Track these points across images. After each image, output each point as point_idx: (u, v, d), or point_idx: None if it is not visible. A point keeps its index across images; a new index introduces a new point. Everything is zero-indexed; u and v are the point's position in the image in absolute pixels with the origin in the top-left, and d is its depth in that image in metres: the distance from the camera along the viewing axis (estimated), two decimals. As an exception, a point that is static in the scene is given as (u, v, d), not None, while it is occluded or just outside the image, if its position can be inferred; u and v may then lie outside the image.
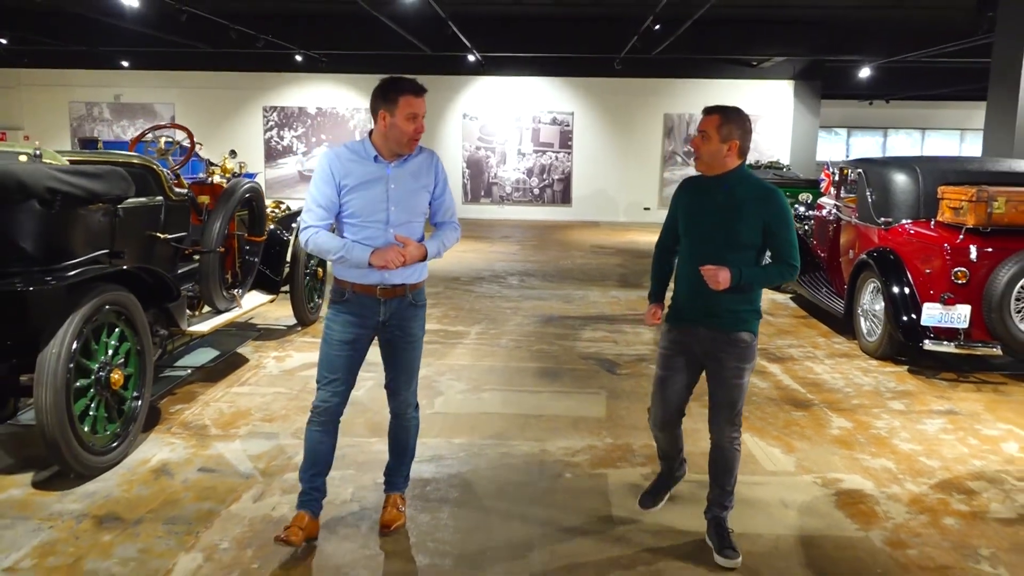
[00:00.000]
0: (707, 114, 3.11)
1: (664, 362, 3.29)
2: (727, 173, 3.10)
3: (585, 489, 3.89)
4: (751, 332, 3.13)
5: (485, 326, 7.32)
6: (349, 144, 3.17)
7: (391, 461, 3.47)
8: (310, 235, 3.10)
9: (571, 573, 3.13)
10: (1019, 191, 5.64)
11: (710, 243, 3.10)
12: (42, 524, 3.43)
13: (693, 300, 3.16)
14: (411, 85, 3.06)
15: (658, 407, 3.35)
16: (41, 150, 3.91)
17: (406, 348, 3.26)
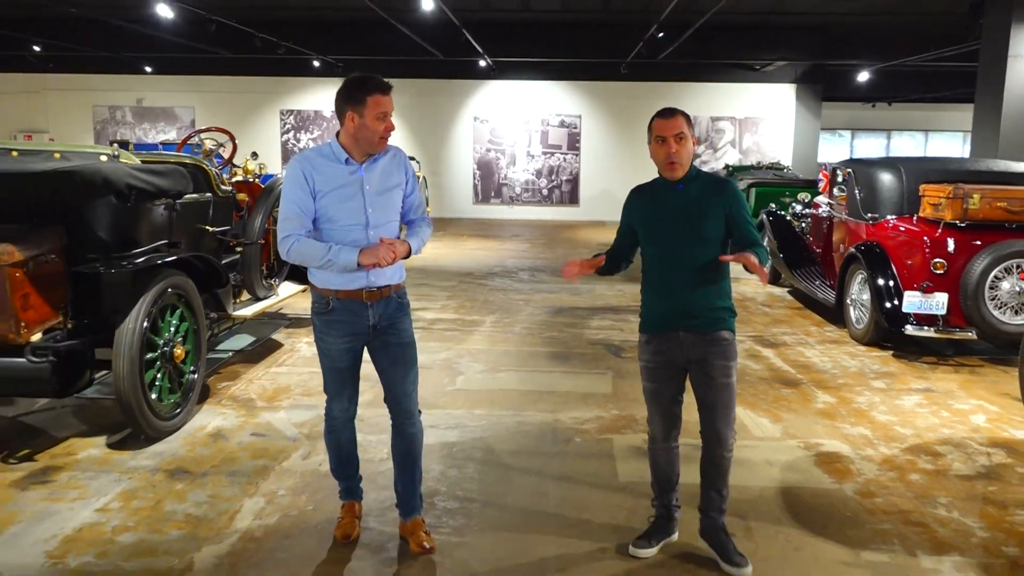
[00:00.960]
0: (669, 116, 3.03)
1: (650, 375, 3.19)
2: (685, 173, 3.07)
3: (593, 451, 4.40)
4: (730, 330, 3.09)
5: (499, 316, 7.84)
6: (316, 148, 3.09)
7: (401, 483, 3.30)
8: (291, 243, 2.97)
9: (581, 513, 3.63)
10: (993, 188, 6.13)
11: (675, 245, 3.03)
12: (122, 476, 3.95)
13: (668, 306, 3.08)
14: (378, 84, 2.95)
15: (658, 418, 3.24)
16: (118, 151, 4.44)
17: (401, 348, 3.17)
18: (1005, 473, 4.17)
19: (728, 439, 3.12)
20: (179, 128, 18.35)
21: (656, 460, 3.31)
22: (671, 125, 3.00)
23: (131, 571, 3.09)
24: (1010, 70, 9.02)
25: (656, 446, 3.29)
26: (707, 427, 3.14)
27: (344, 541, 3.30)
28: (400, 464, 3.28)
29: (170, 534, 3.38)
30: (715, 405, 3.09)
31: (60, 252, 4.06)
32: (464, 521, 3.55)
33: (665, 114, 3.05)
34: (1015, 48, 9.00)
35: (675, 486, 3.33)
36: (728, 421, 3.10)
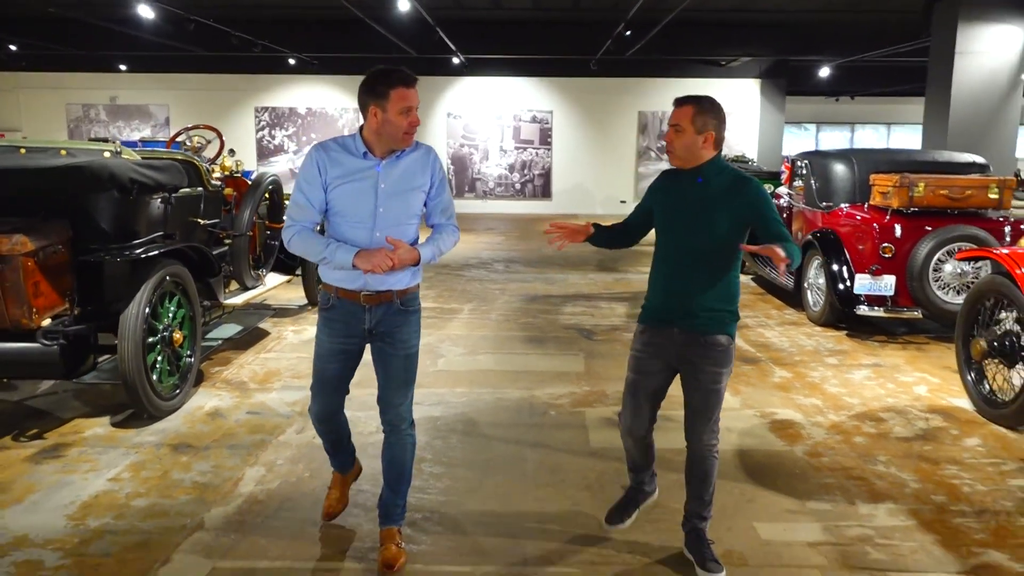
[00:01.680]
0: (679, 105, 2.91)
1: (636, 364, 3.07)
2: (702, 165, 2.91)
3: (566, 422, 4.76)
4: (728, 335, 2.94)
5: (476, 304, 8.18)
6: (339, 139, 2.98)
7: (386, 490, 3.18)
8: (293, 234, 2.92)
9: (555, 475, 3.99)
10: (936, 177, 6.57)
11: (686, 238, 2.92)
12: (129, 451, 4.24)
13: (668, 299, 2.96)
14: (402, 76, 2.84)
15: (629, 412, 3.13)
16: (120, 147, 4.71)
17: (395, 357, 3.03)
18: (940, 435, 4.60)
19: (709, 442, 3.02)
20: (153, 126, 18.45)
21: (629, 448, 3.24)
22: (674, 114, 2.91)
23: (147, 530, 3.39)
24: (957, 66, 9.52)
25: (628, 438, 3.19)
26: (689, 429, 3.05)
27: (326, 519, 3.37)
28: (386, 472, 3.17)
29: (180, 498, 3.69)
30: (698, 409, 2.99)
31: (66, 243, 4.33)
32: (449, 483, 3.89)
33: (676, 102, 2.94)
34: (962, 45, 9.50)
35: (649, 466, 3.29)
36: (709, 426, 3.00)
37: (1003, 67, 9.57)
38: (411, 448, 3.17)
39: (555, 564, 3.15)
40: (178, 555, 3.19)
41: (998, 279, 4.79)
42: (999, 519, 3.55)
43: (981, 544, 3.33)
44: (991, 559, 3.21)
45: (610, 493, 3.74)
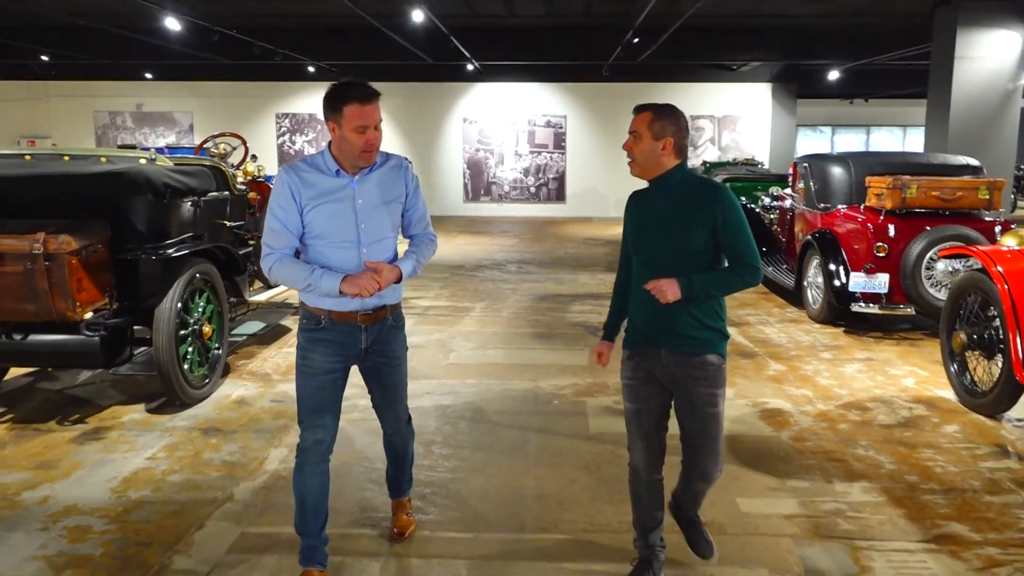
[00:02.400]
0: (638, 112, 2.79)
1: (632, 393, 2.90)
2: (664, 175, 2.77)
3: (568, 410, 5.07)
4: (719, 355, 2.78)
5: (488, 302, 8.51)
6: (306, 158, 2.87)
7: (391, 470, 3.36)
8: (273, 263, 2.81)
9: (556, 457, 4.31)
10: (928, 179, 6.83)
11: (658, 255, 2.75)
12: (163, 434, 4.61)
13: (649, 321, 2.80)
14: (357, 91, 2.71)
15: (639, 445, 2.92)
16: (155, 154, 5.08)
17: (391, 372, 3.08)
18: (921, 422, 4.87)
19: (712, 474, 2.88)
20: (177, 132, 18.96)
21: (638, 496, 2.98)
22: (633, 121, 2.78)
23: (182, 501, 3.75)
24: (957, 71, 9.75)
25: (638, 480, 2.96)
26: (689, 460, 2.91)
27: None
28: (391, 458, 3.34)
29: (211, 475, 4.04)
30: (699, 437, 2.82)
31: (106, 242, 4.70)
32: (457, 463, 4.22)
33: (635, 109, 2.81)
34: (961, 50, 9.72)
35: (660, 524, 3.02)
36: (713, 455, 2.84)
37: (1002, 72, 9.79)
38: (411, 437, 3.32)
39: (550, 532, 3.46)
40: (211, 522, 3.54)
41: (978, 275, 5.05)
42: (965, 496, 3.83)
43: (945, 518, 3.61)
44: (952, 530, 3.49)
45: (605, 471, 4.06)
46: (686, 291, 2.65)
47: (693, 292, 2.66)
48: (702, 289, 2.68)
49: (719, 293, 2.75)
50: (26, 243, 4.30)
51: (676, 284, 2.65)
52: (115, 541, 3.37)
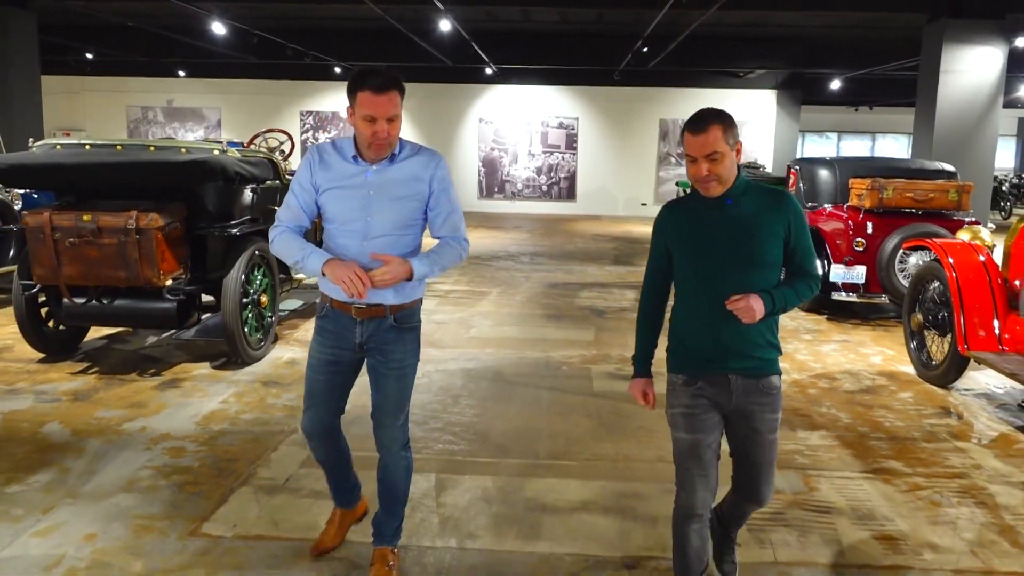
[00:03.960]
0: (702, 130, 2.41)
1: (690, 424, 2.55)
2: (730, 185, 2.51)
3: (576, 374, 5.85)
4: (778, 375, 2.59)
5: (504, 288, 9.30)
6: (334, 141, 2.81)
7: (380, 510, 3.03)
8: (276, 234, 2.79)
9: (565, 408, 5.09)
10: (903, 182, 7.57)
11: (727, 271, 2.47)
12: (230, 384, 5.41)
13: (715, 342, 2.52)
14: (372, 80, 2.58)
15: (695, 483, 2.54)
16: (225, 146, 5.88)
17: (387, 376, 2.84)
18: (880, 390, 5.63)
19: (767, 499, 2.70)
20: (206, 127, 19.81)
21: (685, 538, 2.57)
22: (700, 144, 2.41)
23: (256, 432, 4.54)
24: (942, 83, 10.47)
25: (689, 523, 2.56)
26: (746, 484, 2.69)
27: (316, 554, 3.13)
28: (381, 494, 3.01)
29: (276, 415, 4.84)
30: (760, 464, 2.62)
31: (182, 221, 5.50)
32: (481, 411, 5.00)
33: (694, 127, 2.44)
34: (946, 64, 10.44)
35: (705, 569, 2.60)
36: (771, 480, 2.66)
37: (984, 85, 10.51)
38: (406, 471, 2.97)
39: (560, 459, 4.24)
40: (282, 447, 4.33)
41: (935, 265, 5.80)
42: (905, 443, 4.59)
43: (885, 457, 4.38)
44: (889, 466, 4.25)
45: (607, 419, 4.84)
46: (769, 307, 2.43)
47: (775, 309, 2.45)
48: (782, 304, 2.46)
49: (791, 307, 2.53)
50: (121, 219, 5.11)
51: (760, 300, 2.40)
52: (208, 457, 4.17)
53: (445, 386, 5.45)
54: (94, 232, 5.11)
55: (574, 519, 3.56)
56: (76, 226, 5.12)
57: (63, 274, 5.24)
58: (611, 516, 3.60)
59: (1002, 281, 5.37)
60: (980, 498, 3.88)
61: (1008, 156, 28.68)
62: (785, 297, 2.48)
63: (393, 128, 2.64)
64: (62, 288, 5.34)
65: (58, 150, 5.48)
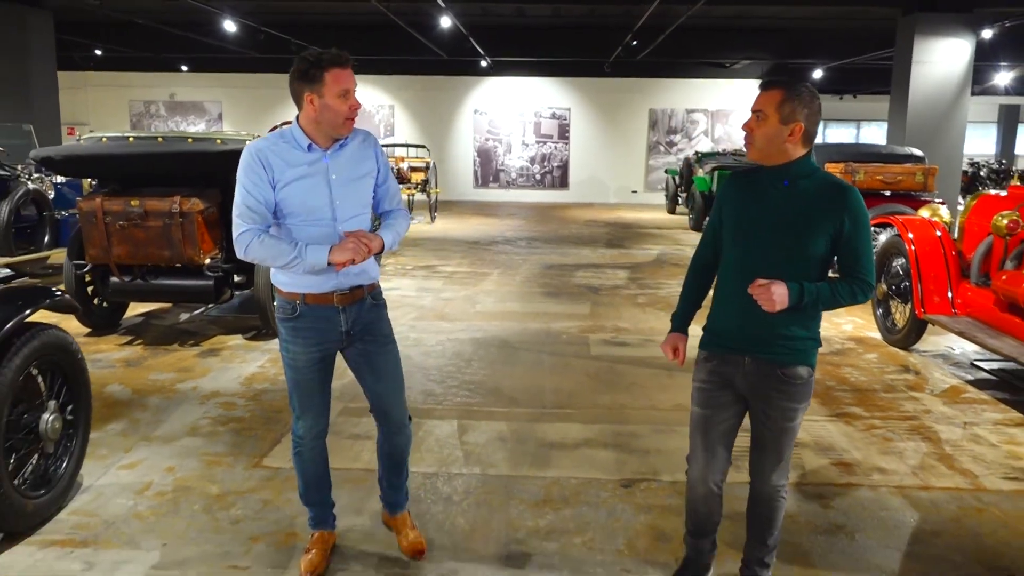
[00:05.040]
0: (765, 89, 2.44)
1: (703, 398, 2.63)
2: (788, 164, 2.44)
3: (575, 341, 6.47)
4: (809, 366, 2.52)
5: (503, 269, 9.90)
6: (274, 135, 2.75)
7: (386, 482, 3.16)
8: (250, 240, 2.63)
9: (566, 368, 5.70)
10: (874, 165, 8.21)
11: (766, 254, 2.45)
12: (264, 352, 6.00)
13: (738, 324, 2.51)
14: (334, 57, 2.62)
15: (701, 456, 2.66)
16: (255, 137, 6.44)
17: (383, 353, 2.90)
18: (849, 352, 6.26)
19: (778, 482, 2.66)
20: (207, 121, 20.28)
21: (694, 506, 2.75)
22: (759, 99, 2.45)
23: (295, 390, 5.14)
24: (914, 73, 11.11)
25: (695, 493, 2.72)
26: (755, 468, 2.69)
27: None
28: (387, 466, 3.12)
29: (310, 376, 5.43)
30: (768, 448, 2.61)
31: (218, 206, 6.08)
32: (491, 371, 5.61)
33: (763, 85, 2.48)
34: (918, 55, 11.08)
35: (714, 529, 2.80)
36: (780, 466, 2.63)
37: (953, 75, 11.15)
38: (408, 441, 3.09)
39: (563, 408, 4.86)
40: (320, 401, 4.93)
41: (898, 240, 6.43)
42: (866, 394, 5.23)
43: (848, 404, 5.01)
44: (850, 411, 4.89)
45: (604, 377, 5.45)
46: (795, 301, 2.36)
47: (801, 303, 2.38)
48: (811, 302, 2.39)
49: (825, 308, 2.46)
50: (166, 204, 5.69)
51: (785, 289, 2.35)
52: (256, 410, 4.77)
53: (457, 352, 6.06)
54: (141, 216, 5.69)
55: (577, 453, 4.18)
56: (125, 210, 5.69)
57: (113, 254, 5.82)
58: (609, 450, 4.22)
59: (956, 253, 6.00)
60: (926, 435, 4.51)
61: (989, 143, 29.45)
62: (819, 294, 2.38)
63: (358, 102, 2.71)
64: (112, 267, 5.91)
65: (104, 143, 6.03)
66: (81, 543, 3.19)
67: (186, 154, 5.85)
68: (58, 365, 3.45)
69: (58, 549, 3.14)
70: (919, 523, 3.48)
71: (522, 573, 3.03)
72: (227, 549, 3.18)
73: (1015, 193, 5.66)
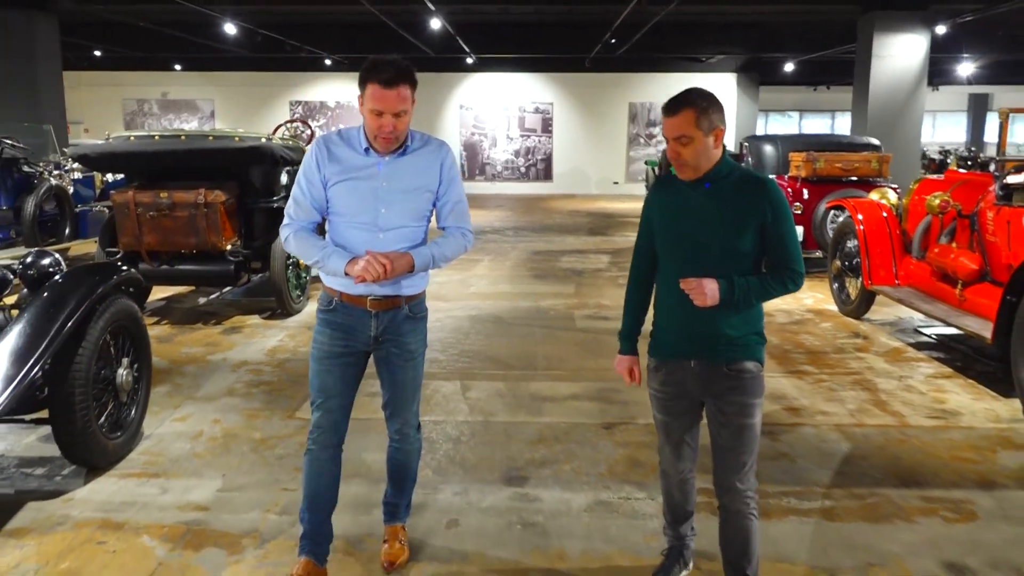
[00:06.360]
0: (674, 112, 2.42)
1: (661, 406, 2.68)
2: (712, 169, 2.47)
3: (562, 316, 7.15)
4: (757, 361, 2.53)
5: (494, 255, 10.57)
6: (343, 130, 2.74)
7: (391, 490, 3.07)
8: (289, 233, 2.70)
9: (554, 338, 6.38)
10: (833, 154, 8.93)
11: (698, 256, 2.47)
12: (281, 329, 6.63)
13: (681, 328, 2.53)
14: (381, 72, 2.52)
15: (669, 453, 2.74)
16: (271, 135, 7.07)
17: (403, 366, 2.83)
18: (807, 322, 6.98)
19: (744, 492, 2.56)
20: (200, 118, 20.78)
21: (669, 491, 2.84)
22: (672, 125, 2.43)
23: (314, 359, 5.79)
24: (874, 67, 11.85)
25: (669, 480, 2.81)
26: (718, 476, 2.61)
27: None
28: (392, 474, 3.04)
29: (325, 348, 6.08)
30: (727, 449, 2.56)
31: (236, 197, 6.70)
32: (487, 342, 6.27)
33: (667, 110, 2.45)
34: (877, 50, 11.82)
35: (690, 516, 2.89)
36: (743, 471, 2.55)
37: (910, 69, 11.90)
38: (418, 452, 3.04)
39: (554, 370, 5.54)
40: (337, 367, 5.58)
41: (849, 220, 7.15)
42: (818, 355, 5.94)
43: (801, 364, 5.72)
44: (802, 368, 5.60)
45: (590, 346, 6.13)
46: (725, 295, 2.40)
47: (733, 297, 2.40)
48: (742, 295, 2.41)
49: (758, 300, 2.48)
50: (192, 195, 6.31)
51: (715, 284, 2.39)
52: (282, 375, 5.42)
53: (455, 327, 6.72)
54: (170, 206, 6.31)
55: (566, 404, 4.86)
56: (155, 202, 6.31)
57: (144, 241, 6.43)
58: (593, 402, 4.90)
59: (900, 231, 6.72)
60: (866, 386, 5.23)
61: (960, 131, 30.39)
62: (748, 287, 2.42)
63: (401, 123, 2.59)
64: (143, 253, 6.53)
65: (132, 140, 6.64)
66: (153, 475, 3.84)
67: (208, 150, 6.46)
68: (126, 329, 4.07)
69: (135, 479, 3.79)
70: (850, 451, 4.19)
71: (521, 490, 3.71)
72: (276, 476, 3.84)
73: (951, 177, 6.38)
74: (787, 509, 3.52)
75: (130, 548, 3.16)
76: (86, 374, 3.61)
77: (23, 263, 3.95)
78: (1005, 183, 5.27)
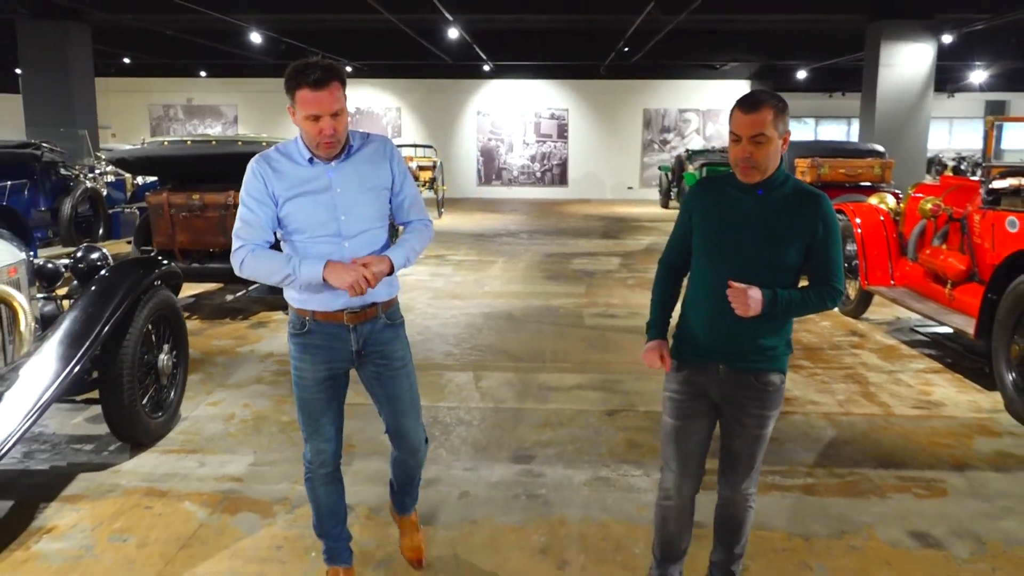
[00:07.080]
0: (754, 110, 2.33)
1: (676, 409, 2.60)
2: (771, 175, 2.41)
3: (571, 314, 7.48)
4: (781, 372, 2.51)
5: (508, 257, 10.92)
6: (279, 147, 2.59)
7: (396, 487, 3.04)
8: (244, 255, 2.51)
9: (563, 335, 6.70)
10: (837, 160, 9.20)
11: (740, 263, 2.41)
12: (304, 324, 7.00)
13: (711, 331, 2.48)
14: (309, 75, 2.39)
15: (677, 466, 2.63)
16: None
17: (395, 377, 2.74)
18: (807, 321, 7.24)
19: (747, 490, 2.64)
20: (223, 123, 21.29)
21: (665, 519, 2.72)
22: (750, 123, 2.33)
23: (336, 352, 6.15)
24: (881, 76, 12.11)
25: (668, 503, 2.69)
26: (725, 476, 2.66)
27: None
28: (399, 478, 3.01)
29: (346, 342, 6.44)
30: (739, 455, 2.59)
31: (263, 199, 7.07)
32: (500, 337, 6.61)
33: (746, 106, 2.37)
34: (884, 59, 12.07)
35: (682, 555, 2.78)
36: (751, 474, 2.62)
37: (917, 77, 12.15)
38: (422, 461, 2.97)
39: (561, 363, 5.86)
40: (358, 359, 5.94)
41: (848, 224, 7.43)
42: (815, 350, 6.23)
43: (798, 359, 6.00)
44: (799, 363, 5.89)
45: (597, 343, 6.46)
46: (768, 307, 2.35)
47: (774, 310, 2.36)
48: (783, 309, 2.38)
49: (796, 315, 2.45)
50: (222, 197, 6.70)
51: (760, 294, 2.33)
52: (307, 365, 5.77)
53: (469, 323, 7.06)
54: (201, 207, 6.71)
55: (572, 393, 5.19)
56: (187, 203, 6.70)
57: (177, 241, 6.83)
58: (597, 391, 5.23)
59: (896, 234, 7.00)
60: (857, 380, 5.52)
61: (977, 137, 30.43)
62: (790, 301, 2.38)
63: (339, 123, 2.45)
64: (176, 252, 6.92)
65: (166, 146, 7.05)
66: (191, 451, 4.20)
67: (237, 155, 6.85)
68: (167, 318, 4.45)
69: (175, 455, 4.15)
70: (835, 436, 4.49)
71: (527, 467, 4.04)
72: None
73: (945, 182, 6.66)
74: (771, 485, 3.82)
75: (174, 512, 3.53)
76: (132, 358, 3.98)
77: (74, 257, 4.34)
78: (991, 188, 5.55)
